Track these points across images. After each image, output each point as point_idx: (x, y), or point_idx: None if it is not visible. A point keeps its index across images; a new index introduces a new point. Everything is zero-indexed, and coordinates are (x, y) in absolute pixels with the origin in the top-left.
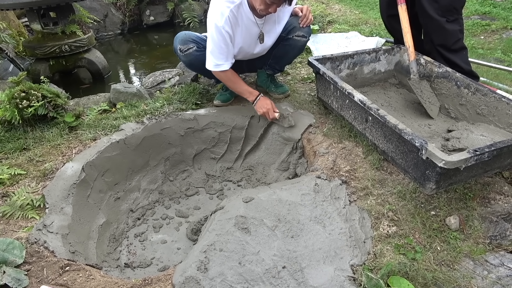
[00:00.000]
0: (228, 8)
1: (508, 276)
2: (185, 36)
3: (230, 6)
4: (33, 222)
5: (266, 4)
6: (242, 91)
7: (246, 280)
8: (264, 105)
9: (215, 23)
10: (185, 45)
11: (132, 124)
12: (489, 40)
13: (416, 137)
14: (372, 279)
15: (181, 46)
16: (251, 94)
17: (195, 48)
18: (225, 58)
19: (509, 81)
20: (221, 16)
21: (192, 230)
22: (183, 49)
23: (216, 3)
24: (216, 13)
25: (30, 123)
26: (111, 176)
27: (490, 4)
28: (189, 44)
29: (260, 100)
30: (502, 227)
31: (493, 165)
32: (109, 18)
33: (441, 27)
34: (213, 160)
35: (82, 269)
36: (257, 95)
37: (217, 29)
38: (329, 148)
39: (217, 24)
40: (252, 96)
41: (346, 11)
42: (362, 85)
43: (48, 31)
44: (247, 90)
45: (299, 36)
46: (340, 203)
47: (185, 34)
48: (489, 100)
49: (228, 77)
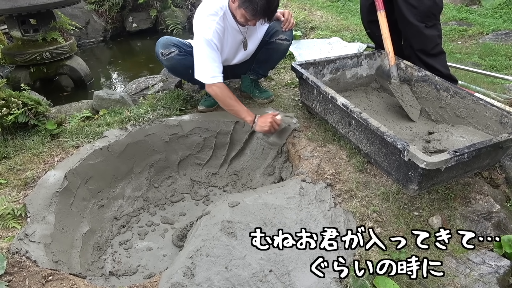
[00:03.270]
0: (214, 21)
1: (489, 273)
2: (167, 41)
3: (215, 19)
4: (14, 232)
5: (246, 19)
6: (239, 110)
7: (233, 285)
8: (265, 120)
9: (203, 37)
10: (166, 49)
11: (115, 131)
12: (466, 45)
13: (398, 139)
14: (358, 280)
15: (162, 50)
16: (249, 114)
17: (177, 52)
18: (218, 70)
19: (486, 84)
20: (209, 30)
21: (178, 237)
22: (164, 53)
23: (200, 19)
24: (203, 28)
25: (10, 131)
26: (95, 183)
27: (467, 11)
28: (170, 48)
29: (259, 118)
30: (482, 226)
31: (473, 166)
32: (91, 25)
33: (420, 33)
34: (198, 166)
35: (65, 278)
36: (255, 115)
37: (207, 42)
38: (313, 151)
39: (205, 37)
40: (250, 116)
41: (328, 18)
42: (344, 90)
43: (28, 38)
44: (246, 109)
45: (281, 40)
46: (325, 206)
47: (166, 39)
48: (468, 103)
49: (225, 93)
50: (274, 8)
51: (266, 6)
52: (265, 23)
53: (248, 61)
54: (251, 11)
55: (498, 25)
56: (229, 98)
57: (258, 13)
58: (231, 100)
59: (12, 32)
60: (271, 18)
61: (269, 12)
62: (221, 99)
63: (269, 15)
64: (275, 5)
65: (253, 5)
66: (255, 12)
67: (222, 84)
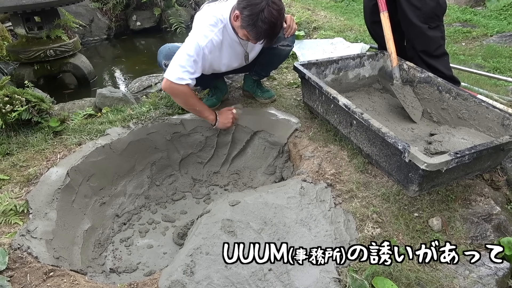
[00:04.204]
0: (212, 31)
1: (488, 275)
2: (169, 51)
3: (214, 30)
4: (16, 228)
5: (248, 38)
6: (202, 109)
7: (233, 283)
8: (227, 117)
9: (197, 41)
10: (169, 60)
11: (118, 128)
12: (470, 46)
13: (399, 140)
14: (356, 280)
15: (166, 61)
16: (211, 113)
17: None
18: (191, 75)
19: (489, 86)
20: (205, 38)
21: (178, 235)
22: (167, 64)
23: (199, 26)
24: (200, 34)
25: (13, 128)
26: (97, 181)
27: (471, 12)
28: None
29: (220, 116)
30: (482, 228)
31: (474, 168)
32: (95, 23)
33: (423, 34)
34: (199, 164)
35: (66, 274)
36: (215, 115)
37: (197, 48)
38: (314, 152)
39: (199, 43)
40: (212, 115)
41: (331, 18)
42: (346, 90)
43: (32, 36)
44: (207, 108)
45: (284, 46)
46: (325, 206)
47: (168, 49)
48: (470, 105)
49: (187, 93)
50: (277, 32)
51: (270, 31)
52: (267, 44)
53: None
54: (254, 34)
55: (503, 27)
56: (189, 97)
57: (261, 36)
58: (192, 99)
59: (17, 29)
60: (273, 40)
61: (272, 35)
62: (182, 98)
63: (272, 38)
64: (278, 30)
65: (257, 29)
66: (258, 36)
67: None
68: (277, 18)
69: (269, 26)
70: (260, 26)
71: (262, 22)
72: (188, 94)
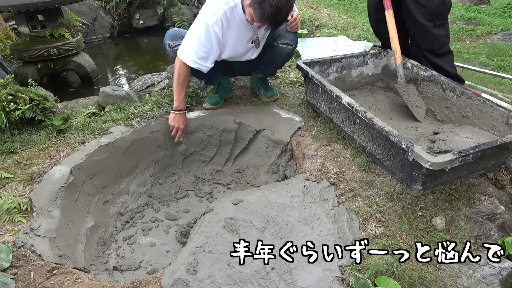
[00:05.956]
0: (223, 8)
1: (492, 275)
2: (175, 32)
3: (224, 7)
4: (20, 226)
5: (252, 19)
6: (179, 93)
7: (235, 282)
8: (181, 122)
9: (205, 20)
10: (174, 41)
11: (121, 127)
12: (474, 44)
13: (402, 139)
14: (360, 279)
15: (170, 42)
16: (180, 103)
17: None
18: (206, 58)
19: (493, 85)
20: (213, 15)
21: (181, 233)
22: (171, 45)
23: (210, 2)
24: (209, 11)
25: (17, 126)
26: (100, 179)
27: (475, 10)
28: (178, 41)
29: (181, 114)
30: (486, 227)
31: (478, 166)
32: (98, 22)
33: (428, 32)
34: (202, 163)
35: (69, 272)
36: (183, 109)
37: (206, 27)
38: (317, 150)
39: (207, 21)
40: (179, 106)
41: (334, 16)
42: (350, 89)
43: (36, 34)
44: (182, 98)
45: (284, 44)
46: (328, 205)
47: (175, 31)
48: (474, 103)
49: (184, 74)
50: (280, 20)
51: (274, 15)
52: (268, 30)
53: (255, 61)
54: (258, 14)
55: (507, 24)
56: (180, 80)
57: (265, 18)
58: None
59: (20, 28)
60: (275, 29)
61: (274, 21)
62: (175, 74)
63: (274, 24)
64: (282, 18)
65: (262, 9)
66: (262, 17)
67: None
68: (284, 5)
69: (275, 10)
70: (265, 7)
71: (269, 4)
72: (181, 75)
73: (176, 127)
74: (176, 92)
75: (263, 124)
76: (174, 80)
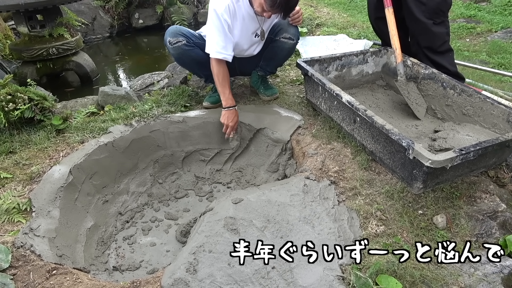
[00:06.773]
0: None
1: (494, 273)
2: (176, 30)
3: None
4: (19, 226)
5: (262, 9)
6: (224, 92)
7: (236, 281)
8: (230, 119)
9: (214, 9)
10: (174, 38)
11: (120, 126)
12: (475, 42)
13: (403, 137)
14: (360, 278)
15: (170, 39)
16: (227, 101)
17: (184, 42)
18: (225, 46)
19: (494, 83)
20: (221, 4)
21: (181, 232)
22: (172, 42)
23: None
24: (216, 1)
25: (16, 126)
26: (99, 179)
27: (475, 8)
28: (178, 38)
29: (231, 111)
30: (488, 225)
31: (479, 164)
32: (97, 21)
33: (428, 30)
34: (202, 162)
35: (69, 272)
36: (232, 105)
37: (217, 16)
38: (317, 149)
39: (216, 10)
40: (227, 104)
41: (334, 14)
42: (350, 87)
43: (35, 34)
44: (228, 95)
45: (285, 38)
46: (329, 203)
47: (176, 28)
48: (474, 101)
49: (221, 72)
50: (292, 5)
51: (285, 3)
52: (280, 18)
53: (256, 58)
54: (269, 2)
55: (507, 22)
56: (221, 77)
57: (277, 6)
58: (222, 80)
59: (19, 27)
60: (287, 14)
61: (287, 7)
62: (214, 76)
63: (287, 10)
64: (294, 3)
65: None
66: (273, 4)
67: (222, 62)
68: None
69: None
70: None
71: None
72: (220, 73)
73: (225, 124)
74: (220, 91)
75: (263, 123)
76: (215, 81)
